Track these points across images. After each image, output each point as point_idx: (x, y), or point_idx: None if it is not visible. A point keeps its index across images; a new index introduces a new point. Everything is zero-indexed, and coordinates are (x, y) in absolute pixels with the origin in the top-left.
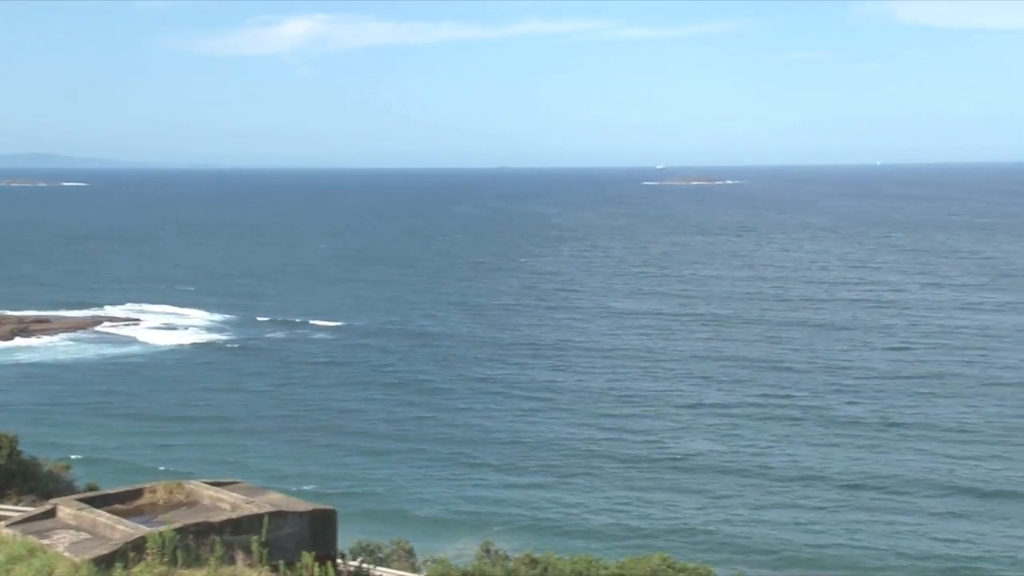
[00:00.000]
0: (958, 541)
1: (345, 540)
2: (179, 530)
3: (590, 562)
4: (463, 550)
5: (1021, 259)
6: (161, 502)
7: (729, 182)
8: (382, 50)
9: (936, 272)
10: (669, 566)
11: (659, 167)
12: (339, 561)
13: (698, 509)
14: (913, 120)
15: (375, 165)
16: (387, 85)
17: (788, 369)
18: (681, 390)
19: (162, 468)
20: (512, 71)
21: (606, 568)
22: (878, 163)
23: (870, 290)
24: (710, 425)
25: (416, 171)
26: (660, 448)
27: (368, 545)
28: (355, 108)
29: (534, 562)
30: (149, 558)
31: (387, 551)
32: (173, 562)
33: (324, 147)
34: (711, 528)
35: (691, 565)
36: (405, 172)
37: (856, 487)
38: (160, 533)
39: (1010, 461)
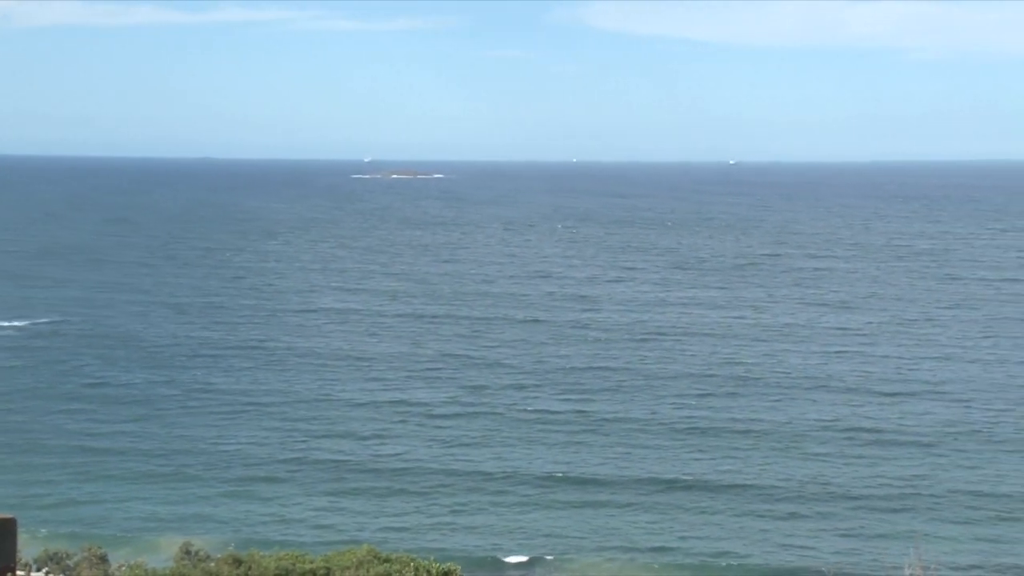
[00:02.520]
0: (661, 533)
1: (33, 551)
2: None
3: (295, 558)
4: (163, 554)
5: (702, 250)
6: None
7: (437, 176)
8: (68, 31)
9: (632, 265)
10: (375, 557)
11: (367, 160)
12: (20, 573)
13: (410, 508)
14: (606, 121)
15: (64, 153)
16: (75, 69)
17: (495, 365)
18: (388, 390)
19: None
20: (213, 58)
21: (311, 562)
22: (574, 160)
23: (569, 284)
24: (418, 425)
25: (109, 160)
26: (367, 449)
27: (56, 553)
28: (40, 91)
29: (237, 562)
30: None
31: (76, 559)
32: None
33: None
34: (417, 525)
35: (395, 555)
36: (97, 161)
37: (558, 481)
38: None
39: (701, 453)
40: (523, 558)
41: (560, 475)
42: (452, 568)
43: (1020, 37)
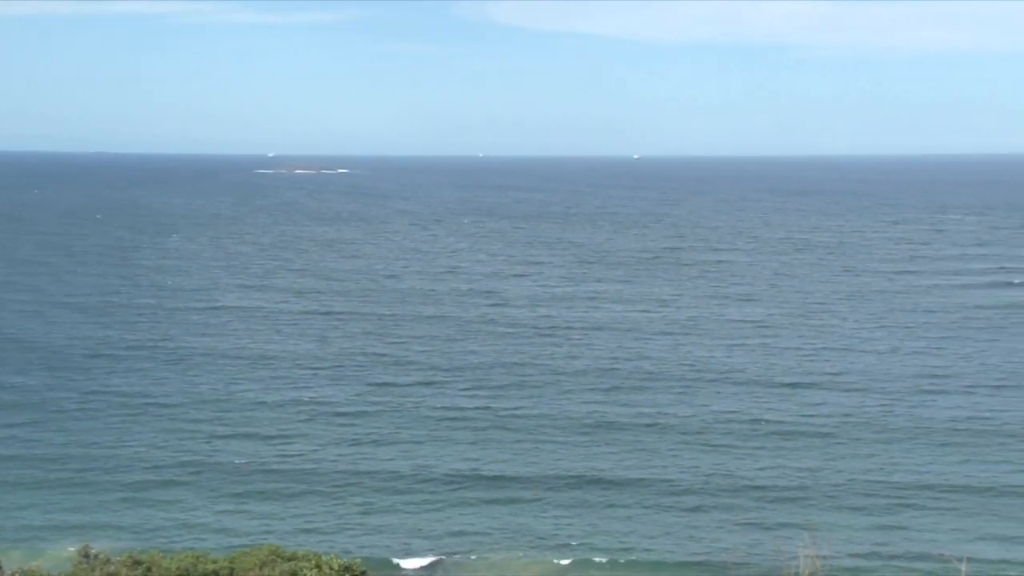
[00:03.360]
0: (569, 528)
1: None
2: None
3: (197, 558)
4: (59, 560)
5: (607, 244)
6: None
7: (342, 171)
8: None
9: (538, 260)
10: (278, 555)
11: (271, 155)
12: None
13: (317, 509)
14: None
15: None
16: None
17: (402, 362)
18: (293, 389)
19: None
20: (112, 51)
21: (214, 562)
22: (480, 155)
23: (476, 279)
24: (324, 424)
25: None
26: (272, 449)
27: None
28: None
29: (137, 563)
30: None
31: None
32: None
33: None
34: (325, 527)
35: (301, 552)
36: None
37: (467, 478)
38: None
39: (608, 447)
40: (431, 558)
41: (468, 472)
42: (354, 563)
43: (909, 35)
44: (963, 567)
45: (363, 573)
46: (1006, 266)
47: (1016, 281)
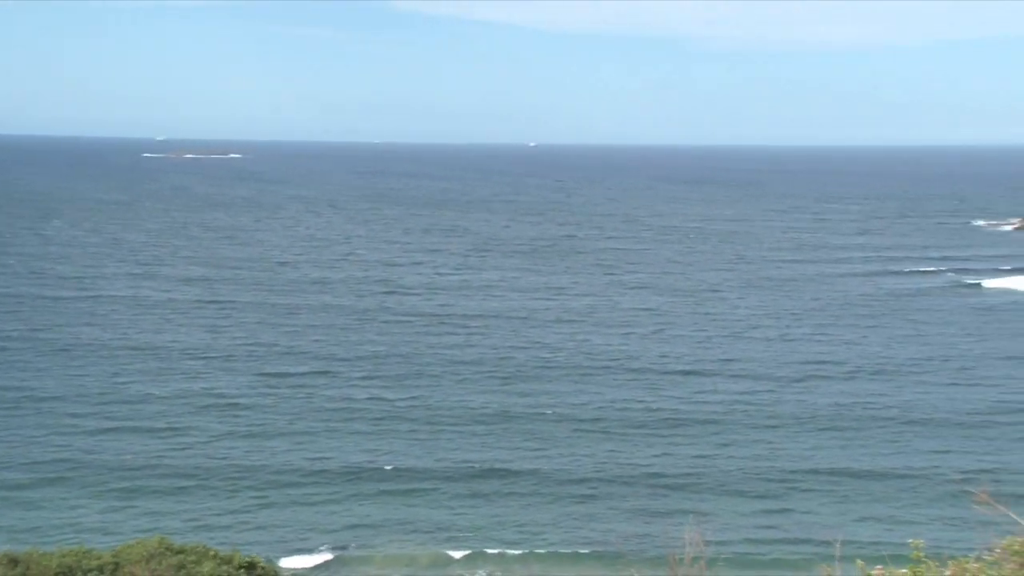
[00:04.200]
0: (465, 519)
1: None
2: None
3: (81, 554)
4: None
5: (503, 232)
6: None
7: (234, 155)
8: None
9: (435, 247)
10: (168, 548)
11: (159, 139)
12: None
13: (209, 505)
14: (410, 102)
15: None
16: None
17: (296, 352)
18: (183, 381)
19: None
20: None
21: (99, 558)
22: (377, 141)
23: (372, 267)
24: (216, 417)
25: None
26: (162, 443)
27: None
28: None
29: (13, 562)
30: None
31: None
32: None
33: None
34: (217, 523)
35: (190, 545)
36: None
37: (363, 471)
38: None
39: (504, 438)
40: (327, 552)
41: (365, 464)
42: (256, 560)
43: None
44: (837, 550)
45: (250, 563)
46: (885, 255)
47: (895, 269)
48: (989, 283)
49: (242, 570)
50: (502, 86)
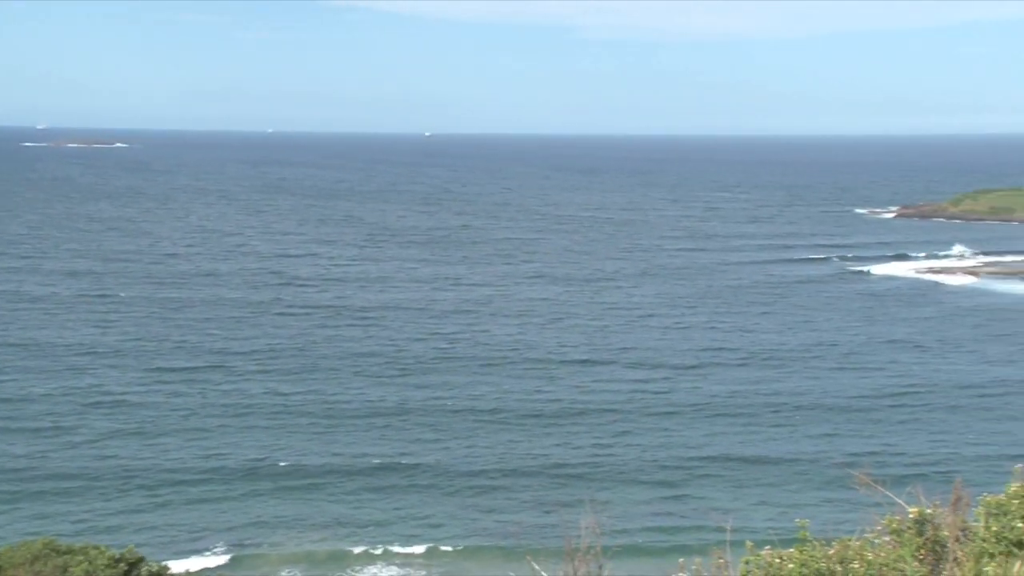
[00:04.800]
0: (364, 513)
1: None
2: None
3: None
4: None
5: (399, 222)
6: None
7: (119, 145)
8: None
9: (330, 238)
10: (52, 549)
11: (40, 127)
12: None
13: (99, 507)
14: (302, 91)
15: None
16: None
17: (188, 347)
18: (70, 378)
19: None
20: None
21: None
22: (269, 131)
23: (266, 259)
24: (105, 415)
25: None
26: (47, 443)
27: None
28: None
29: None
30: None
31: None
32: None
33: None
34: (107, 525)
35: (77, 545)
36: None
37: (259, 468)
38: None
39: (401, 432)
40: (224, 551)
41: (260, 460)
42: (140, 558)
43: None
44: (728, 535)
45: (139, 560)
46: (775, 243)
47: (784, 257)
48: (873, 269)
49: (122, 567)
50: (399, 75)
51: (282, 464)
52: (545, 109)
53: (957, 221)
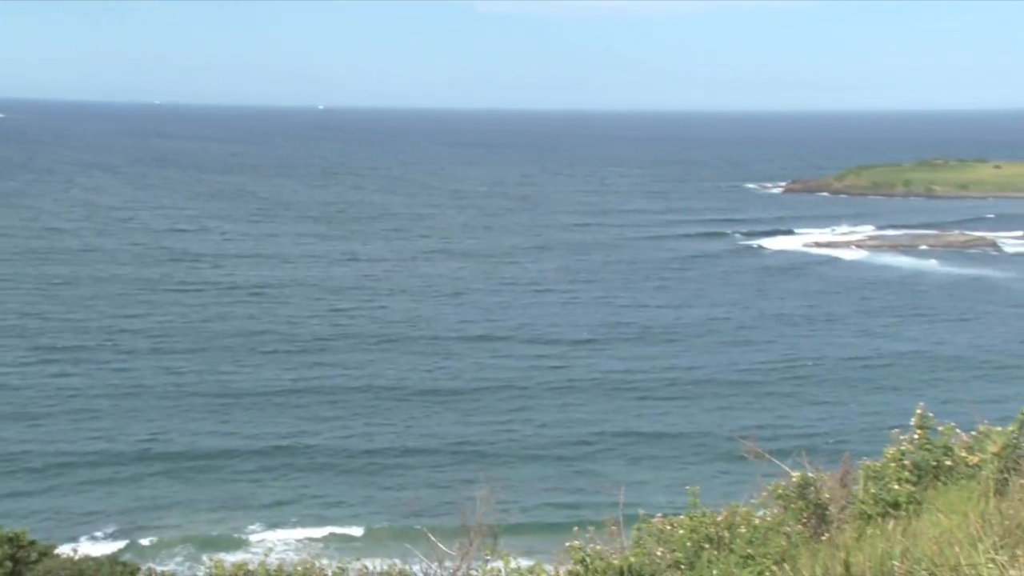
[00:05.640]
0: (263, 492)
1: None
2: None
3: None
4: None
5: (293, 196)
6: None
7: None
8: None
9: (221, 213)
10: None
11: None
12: None
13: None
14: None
15: None
16: None
17: (72, 327)
18: None
19: None
20: None
21: None
22: (158, 102)
23: (155, 235)
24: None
25: None
26: None
27: None
28: None
29: None
30: None
31: None
32: None
33: None
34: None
35: None
36: None
37: (146, 452)
38: None
39: (297, 414)
40: (114, 539)
41: (153, 443)
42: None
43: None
44: (620, 508)
45: (30, 543)
46: (669, 218)
47: (678, 232)
48: (765, 243)
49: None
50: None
51: (175, 445)
52: (440, 84)
53: (842, 196)
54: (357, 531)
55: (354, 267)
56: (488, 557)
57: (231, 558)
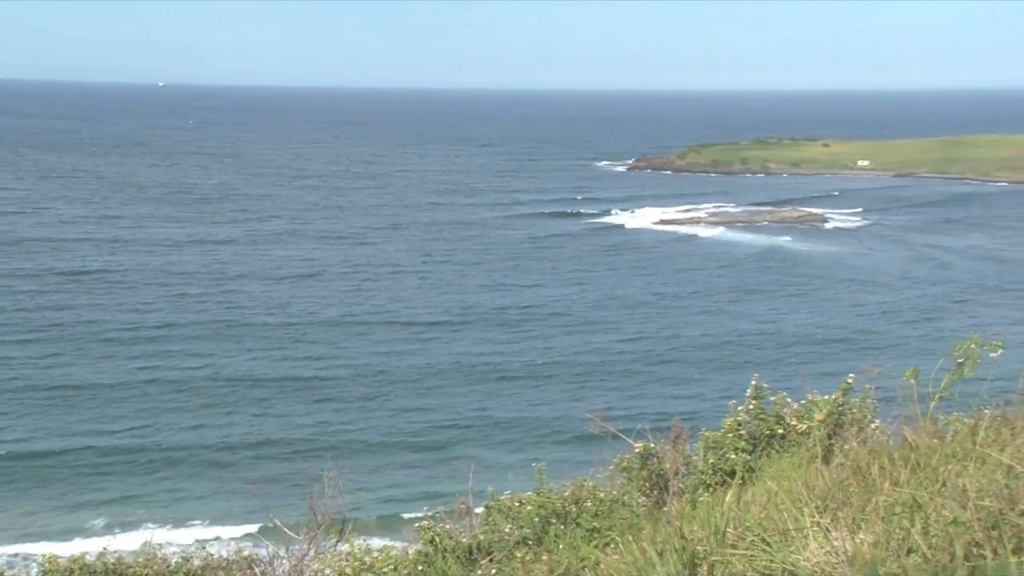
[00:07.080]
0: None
1: None
2: None
3: None
4: None
5: (134, 177)
6: None
7: None
8: None
9: (58, 194)
10: None
11: None
12: None
13: None
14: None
15: None
16: None
17: None
18: None
19: None
20: None
21: None
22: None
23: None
24: None
25: None
26: None
27: None
28: None
29: None
30: None
31: None
32: None
33: None
34: None
35: None
36: None
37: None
38: None
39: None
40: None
41: None
42: None
43: None
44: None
45: None
46: (522, 196)
47: (532, 211)
48: (611, 221)
49: None
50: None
51: (8, 442)
52: (289, 60)
53: (684, 173)
54: (206, 522)
55: (201, 250)
56: (335, 540)
57: (67, 553)
